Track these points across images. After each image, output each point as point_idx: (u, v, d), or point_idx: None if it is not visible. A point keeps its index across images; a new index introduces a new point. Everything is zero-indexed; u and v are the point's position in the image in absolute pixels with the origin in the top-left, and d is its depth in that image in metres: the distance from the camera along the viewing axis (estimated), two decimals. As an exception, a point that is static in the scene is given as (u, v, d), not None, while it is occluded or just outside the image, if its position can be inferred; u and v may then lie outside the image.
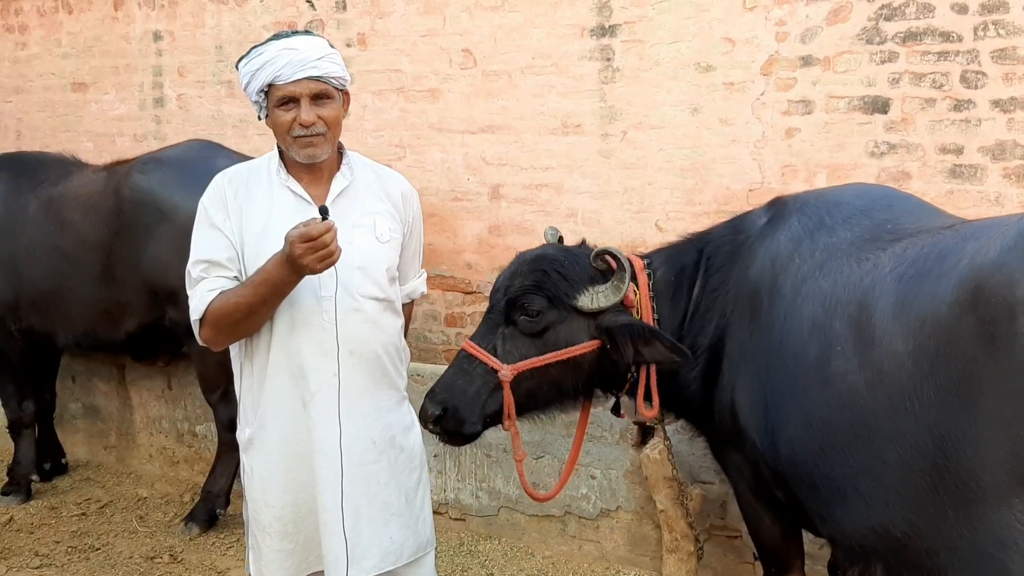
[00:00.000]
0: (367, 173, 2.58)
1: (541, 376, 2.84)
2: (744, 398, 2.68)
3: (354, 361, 2.46)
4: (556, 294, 2.82)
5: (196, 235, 2.49)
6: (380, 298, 2.50)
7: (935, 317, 2.05)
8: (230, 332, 2.41)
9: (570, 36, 4.54)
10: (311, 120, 2.37)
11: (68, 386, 5.58)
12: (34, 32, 6.18)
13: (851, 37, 3.95)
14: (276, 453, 2.48)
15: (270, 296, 2.31)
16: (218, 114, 5.50)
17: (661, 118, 4.37)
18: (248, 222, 2.43)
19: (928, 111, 3.86)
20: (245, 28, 5.36)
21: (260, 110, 2.47)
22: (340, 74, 2.43)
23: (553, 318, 2.83)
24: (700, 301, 2.91)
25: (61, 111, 6.11)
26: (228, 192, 2.47)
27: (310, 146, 2.40)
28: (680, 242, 3.13)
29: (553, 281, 2.84)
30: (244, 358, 2.51)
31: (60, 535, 4.60)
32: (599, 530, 4.23)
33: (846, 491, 2.32)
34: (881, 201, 2.64)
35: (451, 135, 4.88)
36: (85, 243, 4.52)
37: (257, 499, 2.51)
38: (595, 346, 2.83)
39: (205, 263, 2.43)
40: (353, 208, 2.49)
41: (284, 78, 2.35)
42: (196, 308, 2.40)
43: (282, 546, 2.48)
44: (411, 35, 4.91)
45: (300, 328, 2.41)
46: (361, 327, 2.46)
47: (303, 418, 2.44)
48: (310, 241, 2.16)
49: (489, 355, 2.81)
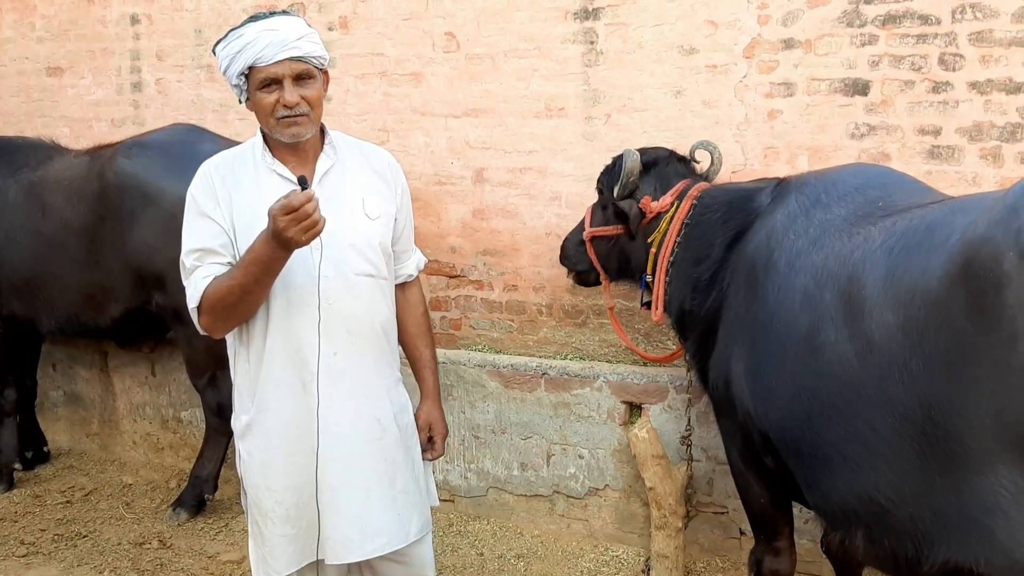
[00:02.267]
0: (352, 151, 2.58)
1: (604, 243, 3.77)
2: (738, 367, 2.76)
3: (353, 340, 2.46)
4: (604, 184, 3.78)
5: (187, 225, 2.46)
6: (373, 275, 2.51)
7: (925, 289, 2.11)
8: (227, 316, 2.39)
9: (553, 19, 4.56)
10: (295, 100, 2.36)
11: (49, 374, 5.53)
12: (6, 15, 6.08)
13: (832, 20, 4.01)
14: (276, 437, 2.47)
15: (262, 275, 2.29)
16: (198, 98, 5.46)
17: (645, 101, 4.40)
18: (238, 208, 2.42)
19: (907, 93, 3.94)
20: (225, 11, 5.31)
21: (241, 93, 2.44)
22: (320, 53, 2.43)
23: (604, 200, 3.77)
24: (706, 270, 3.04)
25: (36, 96, 6.03)
26: (215, 180, 2.45)
27: (294, 125, 2.39)
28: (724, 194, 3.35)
29: (606, 173, 3.79)
30: (239, 344, 2.50)
31: (45, 523, 4.57)
32: (587, 508, 4.29)
33: (832, 457, 2.38)
34: (876, 180, 2.72)
35: (434, 119, 4.89)
36: (68, 228, 4.47)
37: (258, 484, 2.50)
38: (621, 230, 3.65)
39: (198, 251, 2.40)
40: (341, 187, 2.49)
41: (265, 59, 2.33)
42: (192, 296, 2.38)
43: (285, 531, 2.47)
44: (393, 18, 4.90)
45: (296, 310, 2.41)
46: (356, 305, 2.47)
47: (303, 400, 2.44)
48: (292, 212, 2.14)
49: (589, 216, 3.88)
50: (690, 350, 3.34)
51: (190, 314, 2.43)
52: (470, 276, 4.95)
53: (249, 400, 2.50)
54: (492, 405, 4.45)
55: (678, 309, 3.32)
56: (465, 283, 4.97)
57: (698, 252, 3.20)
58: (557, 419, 4.30)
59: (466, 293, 4.98)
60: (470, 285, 4.96)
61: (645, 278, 3.50)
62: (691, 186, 3.48)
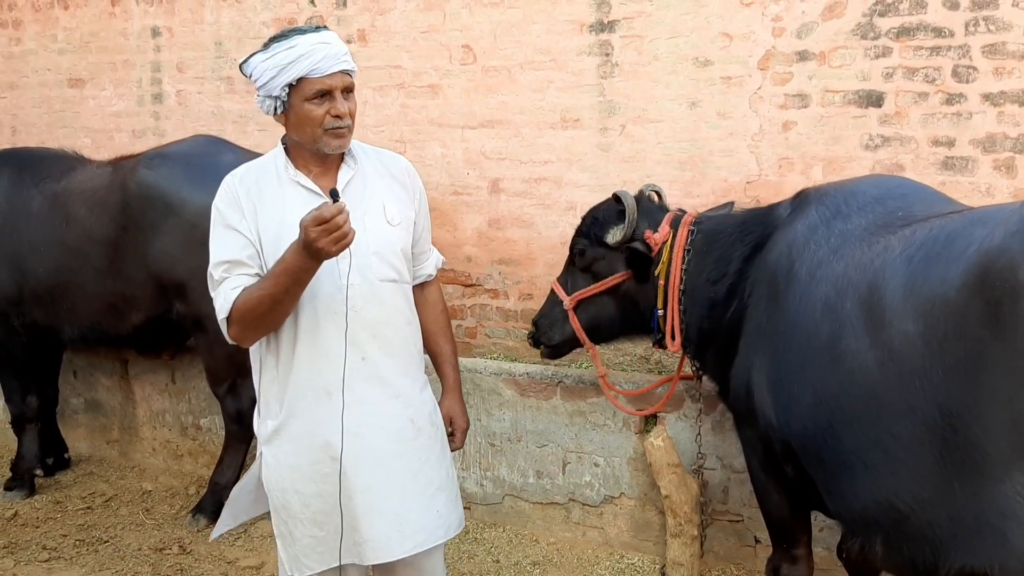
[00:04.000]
0: (370, 159, 2.63)
1: (595, 304, 3.53)
2: (759, 377, 2.80)
3: (379, 345, 2.51)
4: (591, 234, 3.51)
5: (213, 238, 2.49)
6: (397, 280, 2.56)
7: (944, 299, 2.15)
8: (257, 327, 2.43)
9: (569, 32, 4.62)
10: (347, 112, 2.43)
11: (70, 381, 5.59)
12: (29, 27, 6.18)
13: (846, 32, 4.05)
14: (302, 443, 2.51)
15: (292, 285, 2.34)
16: (218, 110, 5.54)
17: (659, 112, 4.45)
18: (263, 220, 2.46)
19: (921, 105, 3.98)
20: (244, 24, 5.39)
21: (277, 104, 2.45)
22: (356, 69, 2.52)
23: (594, 255, 3.51)
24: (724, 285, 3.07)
25: (57, 107, 6.12)
26: (240, 192, 2.48)
27: (340, 137, 2.45)
28: (730, 215, 3.37)
29: (589, 224, 3.55)
30: (267, 352, 2.54)
31: (67, 528, 4.63)
32: (603, 516, 4.32)
33: (853, 464, 2.41)
34: (896, 190, 2.76)
35: (451, 130, 4.95)
36: (91, 238, 4.53)
37: (287, 488, 2.53)
38: (625, 275, 3.42)
39: (226, 263, 2.44)
40: (362, 195, 2.54)
41: (321, 71, 2.38)
42: (222, 307, 2.42)
43: (314, 532, 2.51)
44: (411, 31, 4.97)
45: (323, 318, 2.46)
46: (382, 311, 2.52)
47: (328, 407, 2.48)
48: (323, 224, 2.19)
49: (560, 288, 3.61)
50: (709, 363, 3.34)
51: (219, 325, 2.47)
52: (485, 285, 5.00)
53: (277, 406, 2.54)
54: (508, 413, 4.49)
55: (696, 331, 3.28)
56: (481, 292, 5.02)
57: (713, 272, 3.18)
58: (573, 427, 4.34)
59: (482, 302, 5.03)
60: (486, 294, 5.01)
61: (657, 314, 3.38)
62: (680, 215, 3.44)
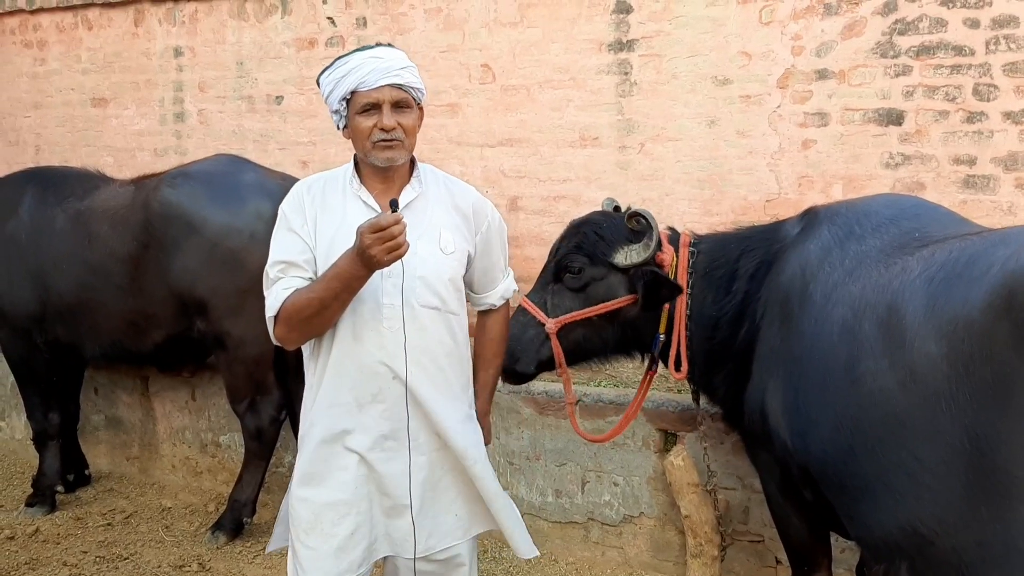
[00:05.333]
0: (438, 186, 2.64)
1: (584, 328, 3.18)
2: (775, 400, 2.76)
3: (411, 368, 2.51)
4: (594, 252, 3.16)
5: (275, 239, 2.55)
6: (439, 308, 2.55)
7: (968, 321, 2.13)
8: (302, 329, 2.46)
9: (588, 51, 4.64)
10: (392, 125, 2.43)
11: (91, 397, 5.63)
12: (53, 48, 6.27)
13: (866, 51, 4.05)
14: (320, 453, 2.54)
15: (341, 291, 2.36)
16: (239, 129, 5.59)
17: (678, 130, 4.46)
18: (321, 228, 2.50)
19: (941, 123, 3.96)
20: (266, 44, 5.45)
21: (340, 119, 2.54)
22: (418, 86, 2.51)
23: (593, 275, 3.17)
24: (730, 303, 3.02)
25: (81, 126, 6.19)
26: (306, 199, 2.55)
27: (389, 150, 2.46)
28: (729, 234, 3.30)
29: (591, 241, 3.18)
30: (311, 359, 2.59)
31: (87, 545, 4.65)
32: (622, 536, 4.30)
33: (875, 489, 2.39)
34: (910, 211, 2.74)
35: (470, 148, 4.98)
36: (113, 256, 4.57)
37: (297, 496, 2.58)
38: (630, 300, 3.12)
39: (283, 263, 2.49)
40: (420, 219, 2.55)
41: (368, 84, 2.42)
42: (271, 306, 2.47)
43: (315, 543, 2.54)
44: (431, 51, 5.00)
45: (360, 334, 2.48)
46: (421, 337, 2.52)
47: (353, 420, 2.51)
48: (379, 231, 2.22)
49: (538, 309, 3.19)
50: (719, 388, 3.23)
51: (267, 323, 2.51)
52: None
53: (305, 413, 2.60)
54: (527, 432, 4.48)
55: (704, 356, 3.19)
56: (499, 310, 5.02)
57: (719, 294, 3.12)
58: (592, 446, 4.32)
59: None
60: (504, 312, 5.00)
61: (658, 339, 3.21)
62: (673, 235, 3.31)
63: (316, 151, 5.38)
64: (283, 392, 4.60)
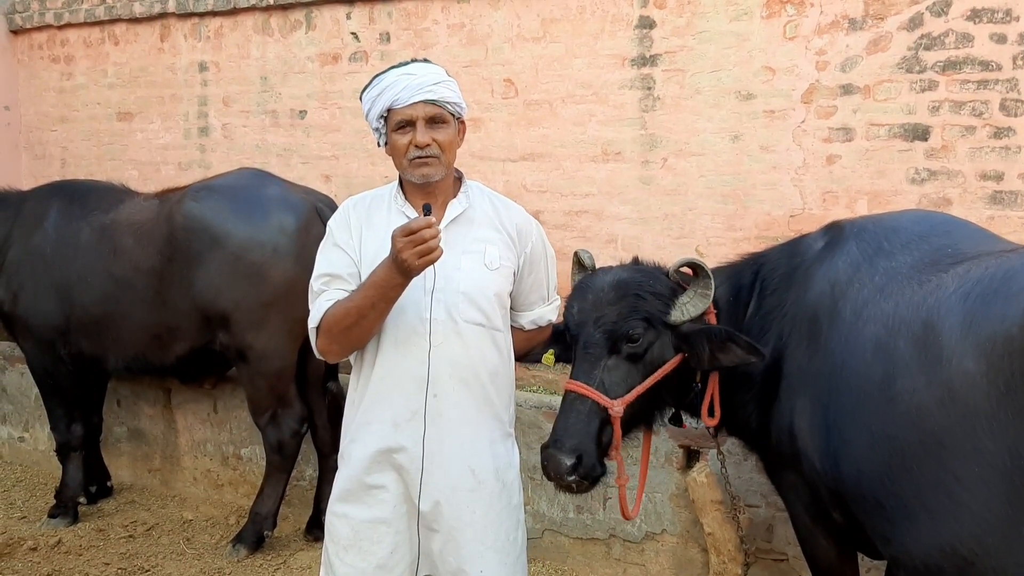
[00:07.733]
0: (484, 203, 2.62)
1: (643, 399, 2.79)
2: (803, 420, 2.71)
3: (454, 385, 2.49)
4: (653, 314, 2.79)
5: (320, 254, 2.57)
6: (483, 324, 2.52)
7: (1007, 338, 2.09)
8: (342, 340, 2.46)
9: (611, 66, 4.64)
10: (426, 141, 2.43)
11: (113, 410, 5.66)
12: (80, 63, 6.35)
13: (891, 66, 4.03)
14: (359, 469, 2.54)
15: (378, 300, 2.36)
16: (262, 143, 5.63)
17: (702, 145, 4.45)
18: (366, 243, 2.52)
19: (968, 138, 3.93)
20: (290, 59, 5.49)
21: (380, 136, 2.55)
22: (455, 100, 2.49)
23: (651, 338, 2.80)
24: (753, 323, 2.96)
25: (106, 140, 6.26)
26: (352, 215, 2.57)
27: (424, 166, 2.46)
28: (738, 262, 3.18)
29: (648, 302, 2.81)
30: (354, 373, 2.59)
31: (109, 557, 4.66)
32: (644, 553, 4.26)
33: (914, 509, 2.34)
34: (940, 227, 2.69)
35: (492, 163, 4.99)
36: (138, 269, 4.60)
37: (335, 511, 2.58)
38: (680, 359, 2.82)
39: (327, 276, 2.51)
40: (465, 235, 2.54)
41: (402, 102, 2.43)
42: (314, 317, 2.48)
43: (355, 561, 2.52)
44: (454, 66, 5.01)
45: (402, 347, 2.47)
46: (462, 352, 2.49)
47: (392, 437, 2.49)
48: (411, 235, 2.22)
49: (599, 393, 2.71)
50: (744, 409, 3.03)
51: (309, 335, 2.50)
52: (526, 317, 4.99)
53: (347, 427, 2.60)
54: (548, 447, 4.45)
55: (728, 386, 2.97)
56: (520, 324, 5.01)
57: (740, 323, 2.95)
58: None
59: (521, 334, 5.02)
60: (525, 326, 5.00)
61: (696, 389, 2.95)
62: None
63: (339, 165, 5.41)
64: (304, 405, 4.60)
